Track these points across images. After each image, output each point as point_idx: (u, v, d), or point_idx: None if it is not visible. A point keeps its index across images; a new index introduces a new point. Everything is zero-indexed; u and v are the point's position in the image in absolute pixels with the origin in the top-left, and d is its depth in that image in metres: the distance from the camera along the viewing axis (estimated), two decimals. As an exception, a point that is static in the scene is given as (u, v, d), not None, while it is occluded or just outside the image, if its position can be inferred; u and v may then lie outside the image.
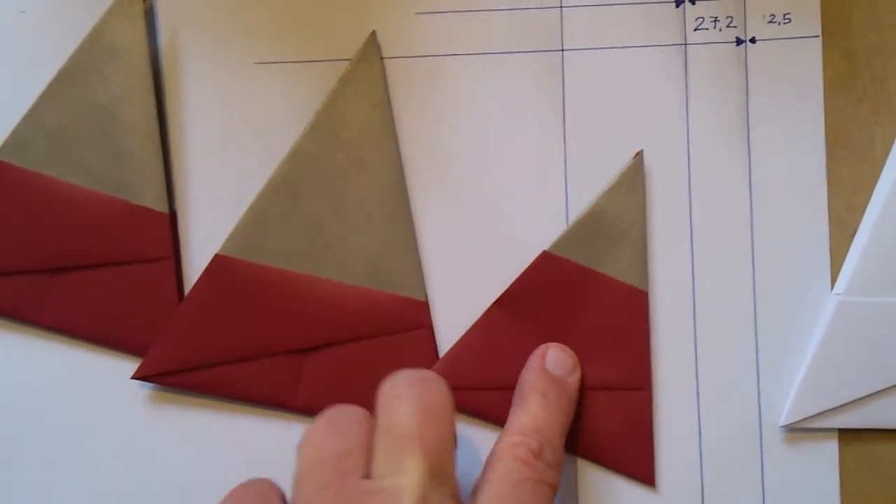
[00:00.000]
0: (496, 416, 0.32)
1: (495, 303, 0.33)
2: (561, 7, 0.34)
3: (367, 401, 0.33)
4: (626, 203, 0.33)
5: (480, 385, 0.32)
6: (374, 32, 0.33)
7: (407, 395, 0.27)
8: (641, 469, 0.33)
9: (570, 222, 0.33)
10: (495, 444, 0.29)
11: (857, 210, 0.33)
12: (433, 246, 0.34)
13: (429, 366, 0.33)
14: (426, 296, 0.33)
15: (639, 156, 0.33)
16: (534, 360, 0.32)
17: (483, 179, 0.34)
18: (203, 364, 0.32)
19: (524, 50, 0.34)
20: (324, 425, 0.27)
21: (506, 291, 0.33)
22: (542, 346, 0.32)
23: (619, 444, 0.32)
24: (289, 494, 0.27)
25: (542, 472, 0.28)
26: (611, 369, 0.32)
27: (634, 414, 0.32)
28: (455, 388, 0.32)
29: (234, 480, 0.33)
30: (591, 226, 0.32)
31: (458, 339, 0.33)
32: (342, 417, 0.27)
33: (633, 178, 0.33)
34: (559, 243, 0.33)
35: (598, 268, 0.32)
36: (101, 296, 0.33)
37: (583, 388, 0.32)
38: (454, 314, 0.33)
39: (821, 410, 0.32)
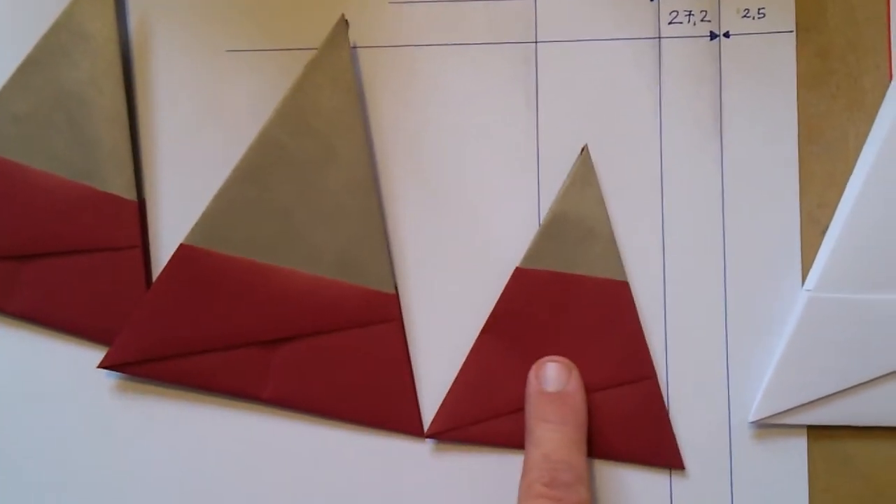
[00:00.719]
0: (513, 442, 0.32)
1: (482, 331, 0.33)
2: (535, -2, 0.33)
3: (334, 393, 0.32)
4: (583, 200, 0.32)
5: (489, 415, 0.32)
6: (342, 16, 0.33)
7: None
8: (667, 456, 0.32)
9: (541, 215, 0.33)
10: (519, 488, 0.30)
11: (829, 206, 0.33)
12: (404, 238, 0.33)
13: (397, 359, 0.33)
14: (396, 288, 0.33)
15: (585, 151, 0.33)
16: (530, 386, 0.32)
17: (456, 170, 0.33)
18: (170, 354, 0.32)
19: (498, 41, 0.33)
20: None
21: (490, 317, 0.32)
22: (534, 367, 0.32)
23: (640, 438, 0.32)
24: None
25: (561, 497, 0.29)
26: (612, 366, 0.32)
27: (647, 404, 0.32)
28: (466, 425, 0.32)
29: (200, 469, 0.33)
30: (556, 230, 0.32)
31: (450, 373, 0.33)
32: None
33: (585, 174, 0.33)
34: (529, 256, 0.32)
35: (574, 270, 0.32)
36: (68, 284, 0.33)
37: (590, 391, 0.32)
38: (424, 307, 0.33)
39: (790, 407, 0.32)
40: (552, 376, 0.31)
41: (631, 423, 0.32)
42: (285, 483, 0.33)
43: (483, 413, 0.32)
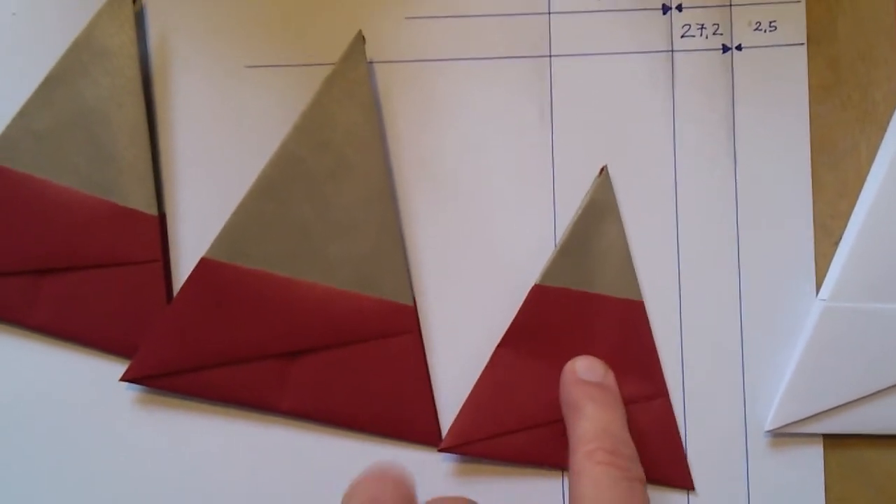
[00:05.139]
0: (526, 457, 0.32)
1: (499, 346, 0.33)
2: (549, 13, 0.34)
3: (353, 404, 0.33)
4: (602, 220, 0.33)
5: (503, 431, 0.32)
6: (360, 32, 0.33)
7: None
8: (677, 475, 0.33)
9: (556, 226, 0.33)
10: (571, 461, 0.29)
11: (842, 217, 0.33)
12: (421, 250, 0.34)
13: (415, 371, 0.33)
14: (413, 300, 0.33)
15: (604, 171, 0.33)
16: (567, 376, 0.31)
17: (472, 183, 0.34)
18: (191, 367, 0.32)
19: (513, 55, 0.34)
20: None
21: (506, 333, 0.33)
22: (570, 362, 0.32)
23: (652, 456, 0.32)
24: None
25: (626, 468, 0.28)
26: (627, 384, 0.32)
27: (660, 422, 0.33)
28: (480, 439, 0.32)
29: (221, 481, 0.33)
30: (575, 249, 0.33)
31: (467, 390, 0.33)
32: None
33: (605, 195, 0.33)
34: (548, 273, 0.33)
35: (591, 288, 0.33)
36: (90, 298, 0.33)
37: None
38: (442, 318, 0.33)
39: (806, 416, 0.32)
40: (590, 369, 0.31)
41: (643, 441, 0.32)
42: (305, 494, 0.33)
43: (497, 428, 0.32)
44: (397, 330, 0.33)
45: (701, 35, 0.34)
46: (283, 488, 0.33)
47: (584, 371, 0.31)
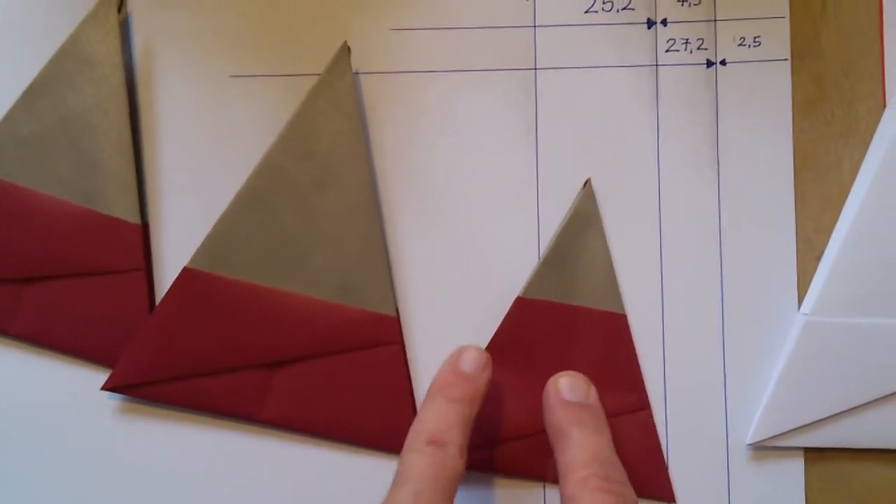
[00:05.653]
0: (509, 469, 0.32)
1: None
2: (535, 26, 0.34)
3: (335, 414, 0.33)
4: (585, 233, 0.33)
5: (485, 442, 0.32)
6: (345, 43, 0.33)
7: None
8: (660, 488, 0.33)
9: (540, 238, 0.34)
10: (563, 488, 0.28)
11: (825, 231, 0.33)
12: (405, 260, 0.34)
13: (398, 381, 0.33)
14: (397, 311, 0.33)
15: (588, 185, 0.33)
16: (552, 397, 0.31)
17: (456, 195, 0.34)
18: (172, 376, 0.32)
19: (498, 68, 0.34)
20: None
21: (489, 344, 0.33)
22: (551, 380, 0.31)
23: (634, 468, 0.32)
24: None
25: (620, 493, 0.28)
26: (610, 397, 0.32)
27: (642, 435, 0.33)
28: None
29: (199, 491, 0.33)
30: (558, 262, 0.33)
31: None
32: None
33: (588, 208, 0.33)
34: (531, 286, 0.33)
35: (573, 301, 0.33)
36: (72, 306, 0.33)
37: None
38: (425, 329, 0.33)
39: (787, 429, 0.32)
40: (573, 388, 0.31)
41: (626, 454, 0.32)
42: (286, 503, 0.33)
43: (479, 440, 0.32)
44: (380, 341, 0.33)
45: (685, 49, 0.34)
46: (264, 498, 0.33)
47: (567, 390, 0.31)
